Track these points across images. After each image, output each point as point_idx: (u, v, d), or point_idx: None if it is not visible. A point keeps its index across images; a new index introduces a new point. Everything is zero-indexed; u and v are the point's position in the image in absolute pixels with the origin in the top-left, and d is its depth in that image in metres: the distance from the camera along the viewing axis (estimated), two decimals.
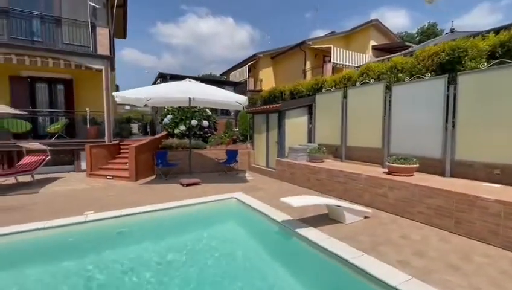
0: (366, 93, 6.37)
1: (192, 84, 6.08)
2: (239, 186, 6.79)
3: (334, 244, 3.29)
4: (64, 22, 8.94)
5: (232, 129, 11.53)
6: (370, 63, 7.19)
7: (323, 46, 18.42)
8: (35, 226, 4.02)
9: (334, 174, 5.78)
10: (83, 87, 10.64)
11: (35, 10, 8.61)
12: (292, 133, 8.03)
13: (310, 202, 3.94)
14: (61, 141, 9.07)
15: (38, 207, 5.11)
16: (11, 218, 4.46)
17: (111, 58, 9.61)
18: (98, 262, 3.47)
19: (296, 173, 7.00)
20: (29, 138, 9.16)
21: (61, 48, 8.84)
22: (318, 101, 7.89)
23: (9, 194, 6.07)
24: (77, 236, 4.06)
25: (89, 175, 8.21)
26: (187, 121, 9.57)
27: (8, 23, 8.19)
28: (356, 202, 5.20)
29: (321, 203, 4.02)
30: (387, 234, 3.73)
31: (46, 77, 10.17)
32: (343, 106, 6.99)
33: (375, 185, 4.88)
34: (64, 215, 4.51)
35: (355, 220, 4.18)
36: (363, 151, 6.58)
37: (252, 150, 9.54)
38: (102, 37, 9.28)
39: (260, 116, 8.97)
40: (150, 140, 8.44)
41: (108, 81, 9.46)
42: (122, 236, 4.24)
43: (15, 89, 9.70)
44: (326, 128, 7.58)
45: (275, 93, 10.92)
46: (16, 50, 8.24)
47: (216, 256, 3.63)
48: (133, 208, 4.85)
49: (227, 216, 5.21)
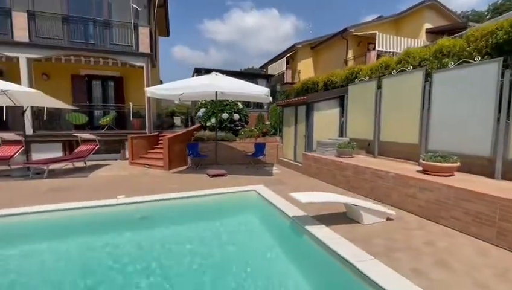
0: (402, 82, 5.71)
1: (217, 78, 6.21)
2: (262, 179, 6.78)
3: (342, 244, 3.07)
4: (112, 25, 9.90)
5: (263, 122, 11.52)
6: (410, 48, 6.40)
7: (367, 32, 17.03)
8: (74, 205, 4.61)
9: (361, 171, 5.36)
10: (130, 83, 11.73)
11: (88, 15, 9.70)
12: (322, 127, 7.68)
13: (322, 199, 3.73)
14: (110, 132, 10.17)
15: (83, 189, 5.85)
16: (60, 197, 5.20)
17: (151, 55, 10.35)
18: (118, 242, 3.85)
19: (321, 169, 6.70)
20: (86, 129, 10.49)
21: (109, 48, 9.83)
22: (350, 92, 7.35)
23: (66, 177, 7.06)
24: (107, 217, 4.56)
25: (131, 163, 9.07)
26: (219, 114, 9.86)
27: (68, 29, 9.40)
28: (383, 202, 4.77)
29: (335, 201, 3.77)
30: (408, 239, 3.34)
31: (100, 74, 11.47)
32: (376, 97, 6.39)
33: (404, 184, 4.39)
34: (101, 198, 5.08)
35: (375, 221, 3.83)
36: (398, 147, 5.96)
37: (281, 144, 9.41)
38: (143, 36, 10.04)
39: (289, 109, 8.75)
40: (183, 132, 8.94)
41: (149, 77, 10.23)
42: (144, 221, 4.60)
43: (75, 85, 11.16)
44: (359, 121, 7.05)
45: (308, 85, 10.53)
46: (74, 52, 9.44)
47: (222, 245, 3.74)
48: (157, 195, 5.21)
49: (244, 208, 5.26)
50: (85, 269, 3.17)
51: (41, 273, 3.15)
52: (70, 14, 9.40)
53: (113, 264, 3.24)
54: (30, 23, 8.92)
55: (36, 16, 9.01)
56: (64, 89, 10.86)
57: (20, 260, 3.44)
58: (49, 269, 3.22)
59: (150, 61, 10.40)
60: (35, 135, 9.09)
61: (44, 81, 10.54)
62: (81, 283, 2.85)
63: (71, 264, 3.30)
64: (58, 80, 10.86)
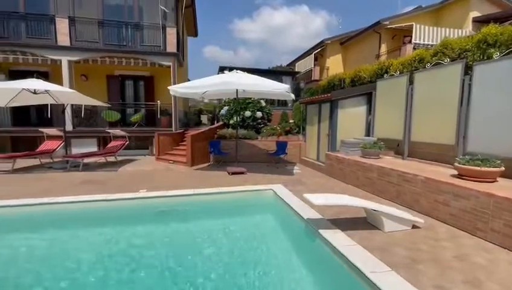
0: (437, 76, 5.17)
1: (237, 75, 6.18)
2: (282, 179, 6.63)
3: (356, 251, 2.84)
4: (142, 27, 10.39)
5: (287, 120, 11.29)
6: (448, 39, 5.76)
7: (402, 25, 15.85)
8: (100, 197, 4.90)
9: (386, 173, 4.96)
10: (160, 82, 12.25)
11: (121, 19, 10.29)
12: (346, 125, 7.28)
13: (338, 202, 3.50)
14: (140, 129, 10.72)
15: (111, 182, 6.21)
16: (90, 189, 5.57)
17: (177, 54, 10.68)
18: (137, 232, 4.05)
19: (344, 169, 6.35)
20: (118, 126, 11.16)
21: (139, 49, 10.34)
22: (379, 88, 6.87)
23: (97, 170, 7.58)
24: (128, 209, 4.78)
25: (157, 159, 9.46)
26: (241, 112, 9.86)
27: (103, 32, 10.06)
28: (410, 208, 4.37)
29: (352, 205, 3.51)
30: (435, 250, 2.99)
31: (132, 74, 12.14)
32: (408, 93, 5.88)
33: (435, 190, 3.95)
34: (125, 191, 5.34)
35: (398, 229, 3.50)
36: (431, 148, 5.42)
37: (304, 142, 9.13)
38: (170, 36, 10.39)
39: (312, 107, 8.45)
40: (205, 130, 9.10)
41: (175, 76, 10.57)
42: (162, 215, 4.74)
43: (110, 85, 11.95)
44: (387, 120, 6.56)
45: (334, 82, 10.07)
46: (108, 53, 10.09)
47: (230, 243, 3.70)
48: (175, 191, 5.33)
49: (259, 207, 5.18)
50: (105, 254, 3.43)
51: (67, 256, 3.40)
52: (105, 18, 10.05)
53: (129, 252, 3.45)
54: (71, 28, 9.71)
55: (76, 21, 9.78)
56: (100, 88, 11.68)
57: (50, 244, 3.75)
58: (73, 254, 3.46)
59: (176, 61, 10.74)
60: (74, 131, 9.90)
61: (83, 81, 11.43)
62: (100, 266, 3.14)
63: (94, 250, 3.55)
64: (95, 80, 11.71)
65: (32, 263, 3.29)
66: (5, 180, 6.40)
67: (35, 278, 2.90)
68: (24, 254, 3.46)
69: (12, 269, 3.17)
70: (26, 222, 4.33)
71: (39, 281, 2.83)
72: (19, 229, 4.18)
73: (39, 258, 3.39)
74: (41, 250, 3.59)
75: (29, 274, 3.02)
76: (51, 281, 2.83)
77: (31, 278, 2.93)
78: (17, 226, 4.27)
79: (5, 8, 9.47)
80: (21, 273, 3.06)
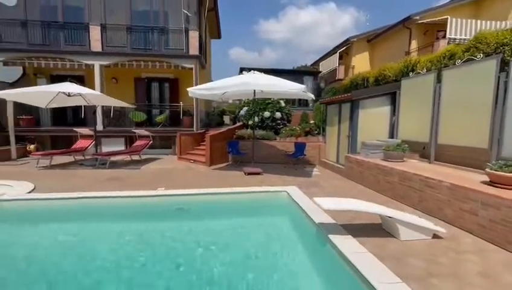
0: (468, 73, 4.74)
1: (253, 76, 6.18)
2: (298, 181, 6.51)
3: (365, 259, 2.69)
4: (166, 31, 10.83)
5: (307, 121, 11.08)
6: (483, 32, 5.25)
7: (436, 19, 14.80)
8: (121, 193, 5.18)
9: (408, 177, 4.66)
10: (183, 84, 12.64)
11: (147, 23, 10.82)
12: (368, 127, 6.97)
13: (348, 207, 3.33)
14: (163, 129, 11.17)
15: (132, 180, 6.54)
16: (113, 185, 5.92)
17: (199, 57, 10.96)
18: (153, 229, 4.27)
19: (364, 173, 6.07)
20: (144, 126, 11.73)
21: (163, 53, 10.78)
22: (404, 87, 6.47)
23: (122, 168, 8.02)
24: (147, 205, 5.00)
25: (178, 158, 9.78)
26: (260, 113, 9.86)
27: (130, 37, 10.65)
28: (434, 216, 4.05)
29: (364, 211, 3.34)
30: (456, 264, 2.74)
31: (157, 77, 12.69)
32: (435, 93, 5.47)
33: (461, 197, 3.63)
34: (145, 188, 5.59)
35: (416, 237, 3.26)
36: (461, 151, 4.99)
37: (323, 144, 8.89)
38: (193, 39, 10.70)
39: (332, 107, 8.20)
40: (224, 130, 9.23)
41: (197, 78, 10.86)
42: (179, 212, 4.89)
43: (138, 87, 12.60)
44: (413, 121, 6.16)
45: (357, 81, 9.70)
46: (135, 57, 10.65)
47: (238, 244, 3.74)
48: (191, 189, 5.46)
49: (271, 208, 5.14)
50: (123, 246, 3.70)
51: (89, 245, 3.73)
52: (132, 24, 10.63)
53: (145, 246, 3.71)
54: (102, 34, 10.41)
55: (107, 27, 10.46)
56: (128, 90, 12.37)
57: (74, 234, 4.09)
58: (94, 244, 3.77)
59: (198, 63, 11.03)
60: (104, 130, 10.59)
61: (114, 84, 12.18)
62: (118, 256, 3.40)
63: (112, 242, 3.83)
64: (124, 83, 12.43)
65: (61, 249, 3.66)
66: (42, 175, 7.02)
67: (64, 262, 3.28)
68: (53, 242, 3.83)
69: (43, 253, 3.53)
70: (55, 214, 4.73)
71: (69, 264, 3.20)
72: (49, 219, 4.60)
73: (66, 246, 3.75)
74: (67, 238, 3.94)
75: (59, 258, 3.39)
76: (77, 265, 3.19)
77: (62, 261, 3.31)
78: (47, 217, 4.68)
79: (46, 18, 10.41)
80: (51, 258, 3.42)
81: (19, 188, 5.42)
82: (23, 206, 4.77)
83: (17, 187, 5.48)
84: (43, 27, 10.32)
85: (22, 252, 3.56)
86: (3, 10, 10.10)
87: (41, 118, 11.58)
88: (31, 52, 10.29)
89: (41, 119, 11.58)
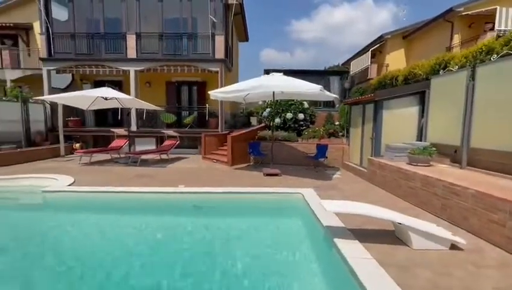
0: (505, 70, 4.27)
1: (270, 78, 6.24)
2: (316, 183, 6.40)
3: (366, 266, 2.60)
4: (194, 36, 11.39)
5: (332, 122, 10.78)
6: None
7: (483, 9, 13.40)
8: (145, 189, 5.59)
9: (430, 183, 4.33)
10: (211, 87, 13.10)
11: (176, 30, 11.48)
12: (394, 128, 6.59)
13: (354, 211, 3.22)
14: (191, 129, 11.71)
15: (158, 177, 6.99)
16: (140, 182, 6.40)
17: (225, 60, 11.31)
18: (172, 222, 4.71)
19: (386, 177, 5.76)
20: (174, 127, 12.41)
21: (191, 57, 11.34)
22: (433, 86, 6.01)
23: (151, 166, 8.61)
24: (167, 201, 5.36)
25: (203, 158, 10.19)
26: (283, 114, 9.85)
27: (161, 43, 11.39)
28: (458, 225, 3.73)
29: (372, 215, 3.19)
30: (473, 278, 2.51)
31: (186, 80, 13.37)
32: (467, 91, 5.00)
33: (488, 207, 3.29)
34: (168, 185, 5.96)
35: (431, 247, 3.04)
36: (498, 156, 4.50)
37: (347, 146, 8.59)
38: (219, 44, 11.08)
39: (356, 108, 7.89)
40: (246, 131, 9.40)
41: (223, 81, 11.21)
42: (196, 209, 5.15)
43: (168, 90, 13.40)
44: (443, 122, 5.70)
45: (386, 81, 9.21)
46: (166, 62, 11.36)
47: (244, 242, 3.85)
48: (208, 188, 5.69)
49: (283, 210, 5.18)
50: (144, 238, 4.12)
51: (115, 233, 4.19)
52: (164, 31, 11.36)
53: (162, 237, 4.11)
54: (137, 42, 11.29)
55: (141, 36, 11.33)
56: (160, 93, 13.22)
57: (98, 222, 4.63)
58: (119, 234, 4.20)
59: (224, 66, 11.39)
60: (138, 131, 11.45)
61: (148, 88, 13.10)
62: (140, 246, 3.78)
63: (134, 233, 4.25)
64: (156, 87, 13.31)
65: (87, 232, 4.26)
66: (83, 170, 7.85)
67: (96, 244, 3.85)
68: (83, 226, 4.45)
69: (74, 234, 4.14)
70: (87, 204, 5.34)
71: (100, 247, 3.76)
72: (81, 209, 5.25)
73: (90, 230, 4.34)
74: (93, 224, 4.55)
75: (85, 238, 4.00)
76: (97, 244, 3.72)
77: (87, 240, 3.94)
78: (80, 206, 5.30)
79: (91, 30, 11.62)
80: (80, 238, 4.04)
81: (61, 181, 6.14)
82: (62, 196, 5.42)
83: (60, 180, 6.21)
84: (88, 38, 11.53)
85: (59, 232, 4.25)
86: (56, 25, 11.50)
87: (86, 120, 12.92)
88: (77, 60, 11.56)
89: (86, 120, 12.92)
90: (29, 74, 13.07)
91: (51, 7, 11.31)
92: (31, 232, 4.26)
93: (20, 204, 5.83)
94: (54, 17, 11.48)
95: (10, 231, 4.35)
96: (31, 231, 4.33)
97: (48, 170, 7.65)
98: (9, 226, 4.58)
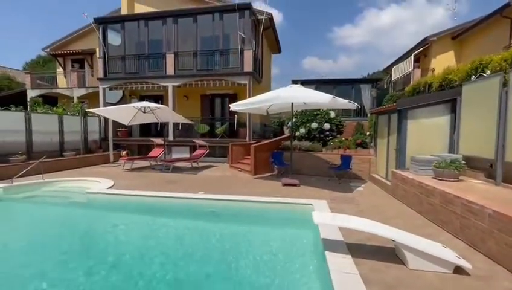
0: None
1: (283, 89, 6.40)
2: (333, 195, 6.26)
3: (348, 282, 2.57)
4: (224, 52, 12.14)
5: (362, 132, 10.34)
6: None
7: None
8: (169, 194, 6.17)
9: (449, 200, 3.97)
10: (242, 98, 13.69)
11: (209, 47, 12.40)
12: (420, 139, 6.14)
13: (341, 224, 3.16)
14: (222, 139, 12.35)
15: (185, 183, 7.59)
16: (167, 187, 7.04)
17: (253, 73, 11.77)
18: (185, 225, 5.19)
19: (408, 191, 5.39)
20: (207, 137, 13.23)
21: (222, 72, 12.08)
22: (465, 93, 5.48)
23: (181, 173, 9.34)
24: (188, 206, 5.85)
25: (230, 166, 10.64)
26: (307, 124, 9.82)
27: (196, 60, 12.39)
28: (476, 247, 3.37)
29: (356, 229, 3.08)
30: None
31: (219, 93, 14.20)
32: (501, 99, 4.49)
33: (507, 229, 2.94)
34: (190, 191, 6.45)
35: (431, 269, 2.84)
36: None
37: (374, 157, 8.17)
38: (247, 58, 11.62)
39: (383, 118, 7.52)
40: (269, 141, 9.59)
41: (251, 92, 11.66)
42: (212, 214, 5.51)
43: (203, 103, 14.38)
44: (477, 133, 5.15)
45: (420, 88, 8.56)
46: (200, 78, 12.29)
47: (238, 247, 4.08)
48: (224, 195, 6.02)
49: (289, 219, 5.21)
50: (166, 237, 4.62)
51: (139, 235, 4.73)
52: (198, 49, 12.37)
53: (179, 240, 4.53)
54: (175, 60, 12.48)
55: (178, 54, 12.50)
56: (196, 106, 14.28)
57: (127, 222, 5.26)
58: (143, 235, 4.75)
59: (252, 79, 11.86)
60: (174, 140, 12.50)
61: (185, 101, 14.27)
62: (163, 247, 4.19)
63: (157, 234, 4.76)
64: (193, 100, 14.42)
65: (119, 230, 4.89)
66: (123, 175, 8.90)
67: (122, 237, 4.50)
68: (116, 224, 5.11)
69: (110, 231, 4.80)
70: (120, 205, 6.10)
71: (132, 244, 4.34)
72: (116, 209, 6.05)
73: (124, 228, 5.02)
74: (122, 224, 5.20)
75: (119, 235, 4.69)
76: (127, 242, 4.33)
77: (120, 236, 4.61)
78: (116, 207, 6.10)
79: (138, 52, 13.26)
80: (115, 235, 4.71)
81: (103, 184, 7.10)
82: (101, 197, 6.29)
83: (102, 183, 7.18)
84: (135, 59, 13.15)
85: (98, 228, 5.08)
86: (111, 50, 13.40)
87: (132, 131, 14.56)
88: (126, 79, 13.23)
89: (132, 131, 14.56)
90: (91, 91, 15.37)
91: (107, 34, 13.24)
92: (74, 224, 5.18)
93: (69, 202, 6.94)
94: (110, 43, 13.40)
95: (60, 223, 5.28)
96: (74, 223, 5.26)
97: (97, 173, 8.87)
98: (59, 217, 5.58)
